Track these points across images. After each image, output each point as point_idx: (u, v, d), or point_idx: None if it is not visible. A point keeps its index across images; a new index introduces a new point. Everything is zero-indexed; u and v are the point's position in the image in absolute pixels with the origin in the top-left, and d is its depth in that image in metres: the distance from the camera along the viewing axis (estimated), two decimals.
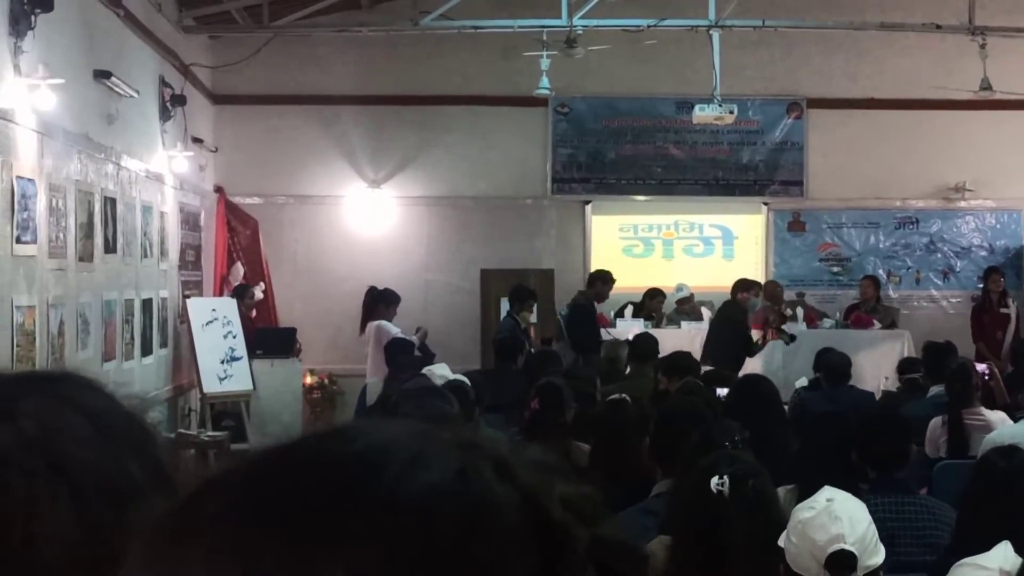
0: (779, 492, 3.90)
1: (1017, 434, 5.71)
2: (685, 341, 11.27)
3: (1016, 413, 7.43)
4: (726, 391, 7.30)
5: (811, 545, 3.18)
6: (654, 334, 10.52)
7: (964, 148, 13.96)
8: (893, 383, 9.78)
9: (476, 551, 0.66)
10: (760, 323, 12.02)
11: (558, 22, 11.44)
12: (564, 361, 10.00)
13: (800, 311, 12.96)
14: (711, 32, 11.59)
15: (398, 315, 11.95)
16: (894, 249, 14.35)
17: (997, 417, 7.10)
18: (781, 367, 11.82)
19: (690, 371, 8.09)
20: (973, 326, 13.34)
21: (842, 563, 3.15)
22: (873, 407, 7.92)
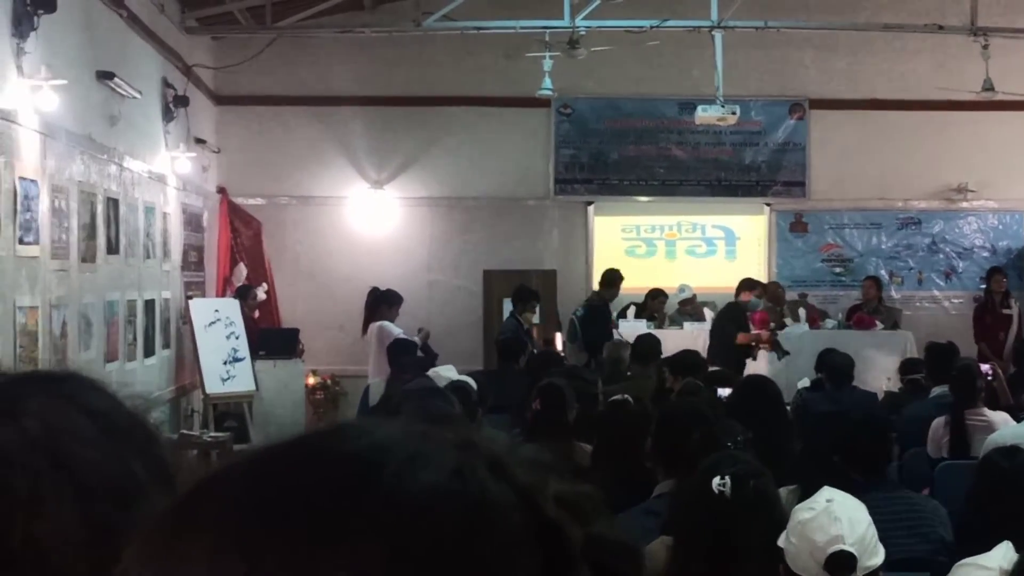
0: (781, 493, 3.89)
1: (1019, 435, 5.71)
2: (688, 342, 11.22)
3: (1019, 414, 7.43)
4: (728, 391, 7.29)
5: (810, 546, 3.18)
6: (657, 335, 10.52)
7: (966, 149, 13.94)
8: (895, 384, 9.78)
9: (480, 549, 0.66)
10: (757, 323, 12.00)
11: (561, 23, 11.43)
12: (577, 363, 9.95)
13: (802, 312, 12.95)
14: (713, 33, 11.59)
15: (400, 316, 11.96)
16: (896, 250, 14.34)
17: (1000, 418, 7.10)
18: (783, 368, 11.81)
19: (697, 369, 8.09)
20: (975, 327, 13.34)
21: (841, 564, 3.15)
22: (875, 408, 7.91)
